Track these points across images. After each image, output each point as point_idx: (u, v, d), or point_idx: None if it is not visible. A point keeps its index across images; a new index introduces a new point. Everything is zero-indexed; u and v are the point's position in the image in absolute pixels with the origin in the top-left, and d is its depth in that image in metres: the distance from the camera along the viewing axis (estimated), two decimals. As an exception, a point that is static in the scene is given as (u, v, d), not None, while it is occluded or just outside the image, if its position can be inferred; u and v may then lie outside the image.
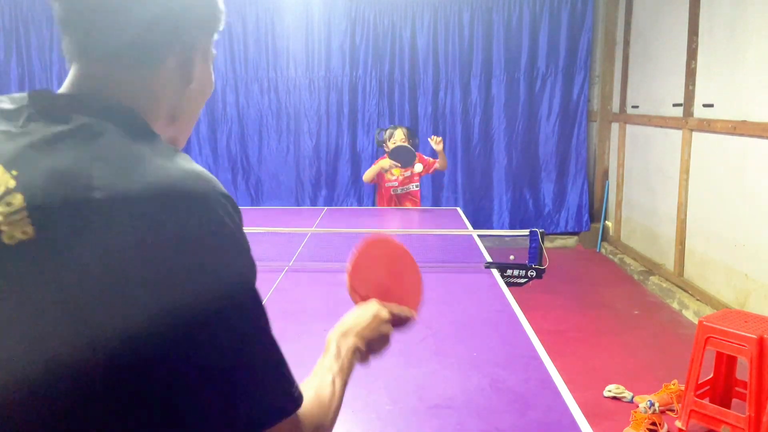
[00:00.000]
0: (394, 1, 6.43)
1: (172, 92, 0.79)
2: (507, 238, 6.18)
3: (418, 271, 1.22)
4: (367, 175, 4.78)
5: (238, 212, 0.72)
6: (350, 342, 0.99)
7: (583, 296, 4.97)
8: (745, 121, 3.94)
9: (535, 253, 2.85)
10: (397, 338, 1.97)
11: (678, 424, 2.90)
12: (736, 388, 2.98)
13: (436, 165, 4.78)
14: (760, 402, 2.62)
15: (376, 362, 1.79)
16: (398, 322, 1.11)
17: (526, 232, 2.96)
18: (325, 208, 4.62)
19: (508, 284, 2.67)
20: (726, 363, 2.98)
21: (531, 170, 6.66)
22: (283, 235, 3.58)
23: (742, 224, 4.01)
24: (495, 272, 2.75)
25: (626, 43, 6.07)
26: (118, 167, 0.65)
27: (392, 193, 4.72)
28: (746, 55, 3.96)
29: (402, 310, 1.12)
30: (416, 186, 4.79)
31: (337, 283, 2.61)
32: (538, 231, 2.85)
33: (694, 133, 4.65)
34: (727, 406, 2.92)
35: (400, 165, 4.63)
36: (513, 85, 6.53)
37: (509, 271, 2.80)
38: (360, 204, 6.64)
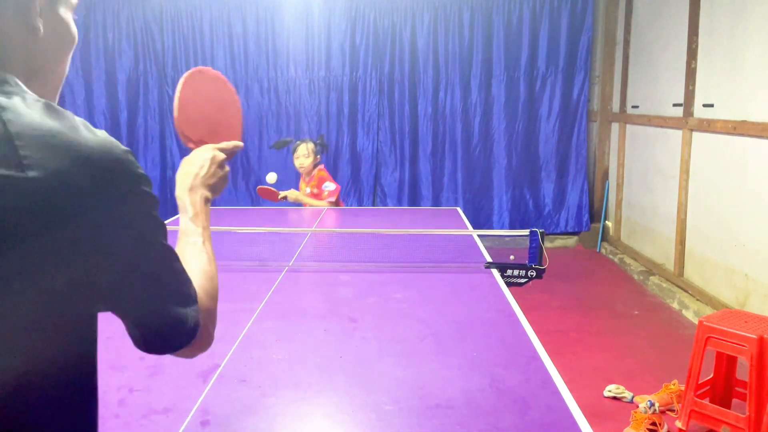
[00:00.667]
0: (394, 1, 6.43)
1: (18, 43, 0.74)
2: (507, 238, 6.18)
3: (235, 94, 1.26)
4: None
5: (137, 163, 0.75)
6: (198, 195, 1.05)
7: (583, 296, 4.97)
8: (745, 121, 3.94)
9: (535, 253, 2.85)
10: (397, 338, 1.97)
11: (678, 424, 2.90)
12: (736, 388, 2.98)
13: (320, 204, 4.58)
14: (760, 402, 2.62)
15: (376, 362, 1.79)
16: (230, 155, 1.16)
17: (526, 232, 2.96)
18: (326, 208, 4.62)
19: (508, 284, 2.67)
20: (726, 363, 2.98)
21: (531, 170, 6.66)
22: (283, 235, 3.58)
23: (742, 224, 4.01)
24: (495, 272, 2.75)
25: (626, 43, 6.07)
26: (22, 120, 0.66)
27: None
28: (746, 55, 3.96)
29: (232, 144, 1.17)
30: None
31: (337, 283, 2.61)
32: (538, 231, 2.85)
33: (694, 133, 4.65)
34: (727, 406, 2.92)
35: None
36: (513, 85, 6.53)
37: (509, 271, 2.80)
38: (360, 204, 6.64)
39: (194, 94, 1.18)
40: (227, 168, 1.13)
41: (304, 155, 4.61)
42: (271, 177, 4.65)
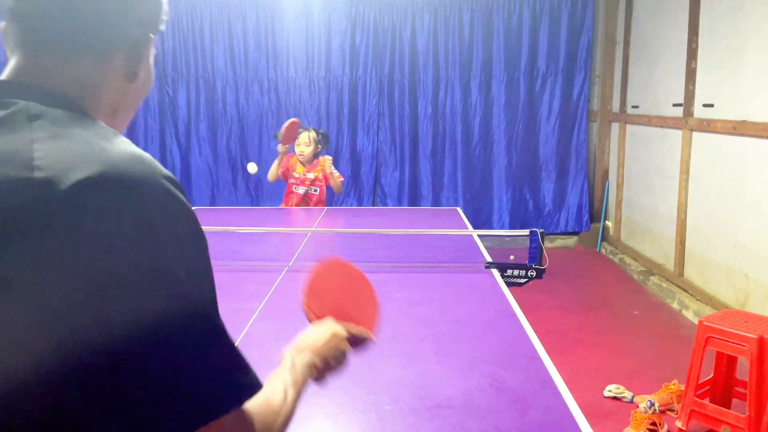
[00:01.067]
0: (394, 1, 6.43)
1: (116, 87, 0.80)
2: (507, 238, 6.18)
3: (374, 293, 1.22)
4: (271, 172, 4.68)
5: (184, 194, 0.72)
6: (306, 357, 0.98)
7: (583, 296, 4.97)
8: (745, 121, 3.94)
9: (535, 253, 2.85)
10: (397, 338, 1.97)
11: (678, 424, 2.90)
12: (736, 388, 2.98)
13: (331, 182, 4.62)
14: (760, 402, 2.62)
15: (376, 362, 1.79)
16: (356, 342, 1.09)
17: (526, 232, 2.96)
18: (326, 207, 4.62)
19: (508, 284, 2.67)
20: (726, 363, 2.98)
21: (531, 170, 6.66)
22: (283, 235, 3.58)
23: (742, 224, 4.01)
24: (495, 272, 2.75)
25: (626, 43, 6.07)
26: (59, 149, 0.66)
27: (294, 191, 4.64)
28: (746, 55, 3.96)
29: (359, 330, 1.11)
30: (314, 190, 4.63)
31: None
32: (538, 231, 2.85)
33: (694, 133, 4.65)
34: (727, 406, 2.92)
35: (282, 141, 4.53)
36: (513, 85, 6.53)
37: (509, 271, 2.80)
38: (360, 204, 6.64)
39: (330, 275, 1.16)
40: (348, 347, 1.05)
41: (305, 143, 4.59)
42: (252, 167, 4.63)
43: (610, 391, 3.23)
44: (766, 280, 3.76)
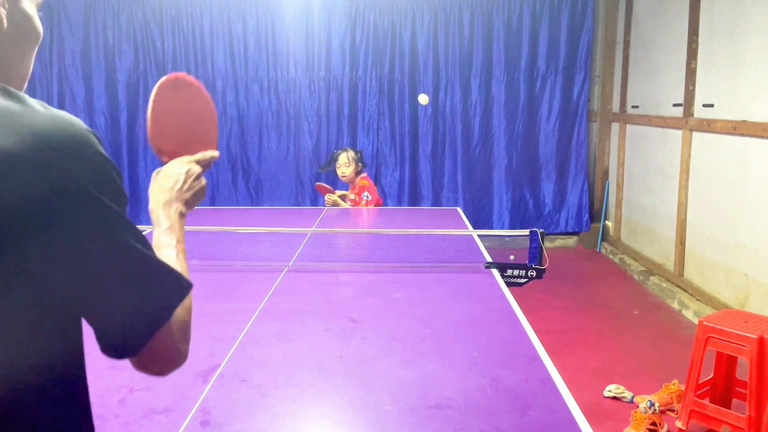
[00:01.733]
0: (394, 1, 6.43)
1: None
2: (507, 238, 6.18)
3: (210, 101, 1.22)
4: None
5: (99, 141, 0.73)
6: (174, 208, 1.00)
7: (583, 296, 4.97)
8: (745, 121, 3.94)
9: (535, 253, 2.85)
10: (397, 338, 1.97)
11: (678, 424, 2.90)
12: (736, 388, 2.98)
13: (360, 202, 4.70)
14: (760, 402, 2.62)
15: (376, 362, 1.79)
16: (206, 167, 1.11)
17: (526, 232, 2.96)
18: (326, 207, 4.62)
19: (508, 284, 2.67)
20: (726, 363, 2.98)
21: (531, 170, 6.66)
22: (283, 235, 3.58)
23: (742, 224, 4.01)
24: (495, 272, 2.75)
25: (626, 43, 6.07)
26: None
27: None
28: (746, 55, 3.96)
29: (205, 155, 1.12)
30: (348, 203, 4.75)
31: (337, 283, 2.61)
32: (538, 231, 2.85)
33: (694, 133, 4.65)
34: (727, 406, 2.92)
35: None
36: (513, 85, 6.53)
37: (509, 271, 2.80)
38: (360, 204, 6.64)
39: (167, 104, 1.12)
40: (204, 180, 1.09)
41: (345, 164, 4.67)
42: (423, 98, 4.65)
43: (610, 391, 3.23)
44: (766, 280, 3.76)
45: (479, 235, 3.45)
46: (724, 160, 4.23)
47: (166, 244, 0.94)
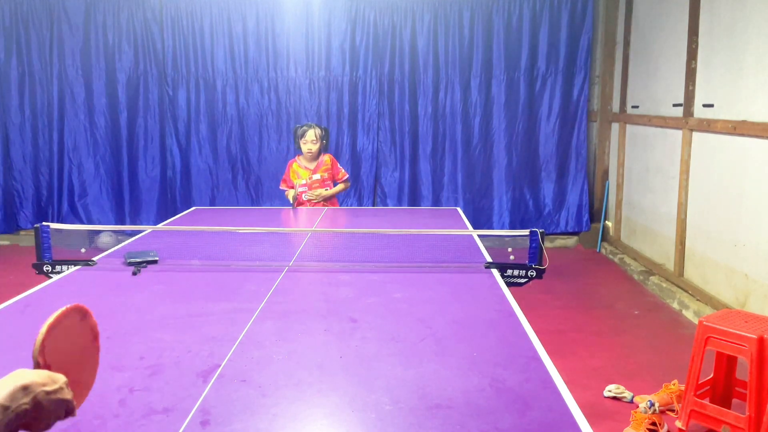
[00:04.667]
0: (394, 1, 6.44)
1: None
2: (507, 238, 6.18)
3: (97, 354, 1.14)
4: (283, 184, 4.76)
5: None
6: None
7: (583, 296, 4.97)
8: (745, 121, 3.95)
9: (535, 253, 2.85)
10: (397, 338, 1.97)
11: (678, 424, 2.90)
12: (736, 388, 2.98)
13: (337, 188, 4.70)
14: (760, 402, 2.62)
15: (376, 362, 1.79)
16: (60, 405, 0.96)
17: (526, 232, 2.96)
18: (326, 208, 4.62)
19: (508, 284, 2.67)
20: (726, 363, 2.98)
21: (531, 170, 6.66)
22: (283, 235, 3.58)
23: (742, 224, 4.01)
24: (495, 272, 2.75)
25: (626, 43, 6.07)
26: None
27: (305, 198, 4.65)
28: (746, 55, 3.96)
29: (56, 390, 0.95)
30: (326, 190, 4.67)
31: (337, 283, 2.61)
32: (538, 231, 2.85)
33: (694, 133, 4.65)
34: (727, 406, 2.92)
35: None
36: (513, 85, 6.54)
37: (509, 271, 2.80)
38: (360, 204, 6.65)
39: (65, 336, 1.04)
40: (64, 398, 0.94)
41: (312, 141, 4.59)
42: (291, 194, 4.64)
43: (610, 391, 3.23)
44: (766, 280, 3.76)
45: (479, 235, 3.45)
46: (724, 160, 4.23)
47: None
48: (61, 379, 0.96)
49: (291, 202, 4.59)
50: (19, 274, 5.24)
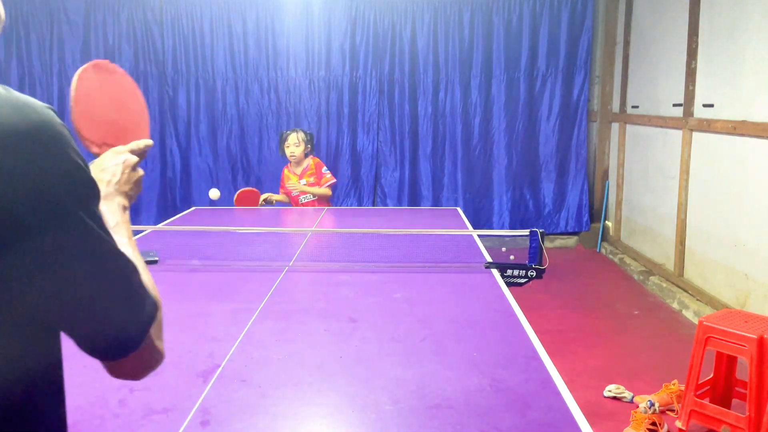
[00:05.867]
0: (394, 1, 6.44)
1: None
2: (507, 238, 6.18)
3: (137, 88, 1.16)
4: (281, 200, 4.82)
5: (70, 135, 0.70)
6: (116, 203, 0.95)
7: (583, 296, 4.97)
8: (745, 121, 3.94)
9: (535, 253, 2.85)
10: (397, 338, 1.97)
11: (678, 424, 2.90)
12: (736, 388, 2.98)
13: (322, 191, 4.70)
14: (760, 402, 2.62)
15: (376, 362, 1.79)
16: (141, 156, 1.07)
17: (526, 232, 2.96)
18: (326, 208, 4.62)
19: (508, 284, 2.67)
20: (726, 363, 2.98)
21: (531, 170, 6.66)
22: (283, 235, 3.58)
23: (742, 224, 4.01)
24: (495, 272, 2.75)
25: (626, 43, 6.07)
26: None
27: (300, 202, 4.71)
28: (746, 55, 3.96)
29: (138, 144, 1.07)
30: (309, 198, 4.70)
31: (337, 283, 2.61)
32: (538, 231, 2.85)
33: (694, 133, 4.65)
34: (727, 406, 2.92)
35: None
36: (513, 85, 6.54)
37: (509, 271, 2.80)
38: (360, 204, 6.64)
39: (90, 92, 1.07)
40: (141, 171, 1.04)
41: (294, 144, 4.63)
42: (214, 193, 4.68)
43: (610, 391, 3.23)
44: (766, 280, 3.76)
45: (479, 235, 3.45)
46: (724, 160, 4.23)
47: (119, 243, 0.90)
48: (129, 160, 1.01)
49: (271, 202, 4.69)
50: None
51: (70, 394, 0.83)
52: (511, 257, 2.97)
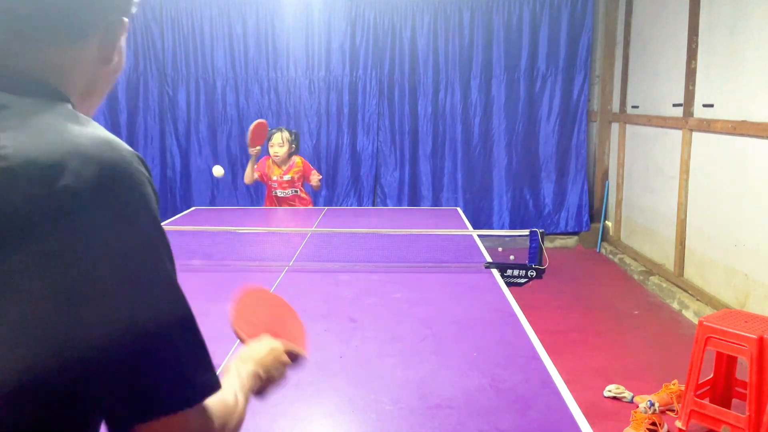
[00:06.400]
0: (394, 1, 6.44)
1: (90, 70, 0.80)
2: (507, 238, 6.17)
3: (297, 316, 1.25)
4: (246, 175, 4.74)
5: (149, 173, 0.72)
6: (249, 367, 0.96)
7: (583, 296, 4.97)
8: (745, 121, 3.94)
9: (535, 253, 2.85)
10: (397, 338, 1.97)
11: (678, 424, 2.90)
12: (736, 388, 2.97)
13: (311, 181, 4.72)
14: (760, 402, 2.62)
15: (376, 362, 1.79)
16: (291, 357, 1.09)
17: (526, 232, 2.96)
18: (325, 208, 4.62)
19: (508, 284, 2.67)
20: (726, 363, 2.98)
21: (531, 170, 6.66)
22: (283, 235, 3.58)
23: (742, 224, 4.01)
24: (495, 272, 2.75)
25: (626, 43, 6.07)
26: (25, 137, 0.65)
27: (274, 194, 4.68)
28: (746, 55, 3.96)
29: (292, 347, 1.10)
30: (294, 191, 4.68)
31: (337, 283, 2.61)
32: (538, 231, 2.85)
33: (694, 133, 4.65)
34: (727, 406, 2.92)
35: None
36: (513, 85, 6.53)
37: (509, 271, 2.80)
38: (360, 204, 6.64)
39: (254, 305, 1.18)
40: (288, 361, 1.06)
41: (278, 144, 4.61)
42: (218, 170, 4.65)
43: (610, 391, 3.23)
44: (766, 280, 3.76)
45: (479, 235, 3.45)
46: (724, 160, 4.23)
47: (228, 384, 0.84)
48: (278, 349, 1.05)
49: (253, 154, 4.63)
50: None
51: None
52: (511, 257, 2.97)
